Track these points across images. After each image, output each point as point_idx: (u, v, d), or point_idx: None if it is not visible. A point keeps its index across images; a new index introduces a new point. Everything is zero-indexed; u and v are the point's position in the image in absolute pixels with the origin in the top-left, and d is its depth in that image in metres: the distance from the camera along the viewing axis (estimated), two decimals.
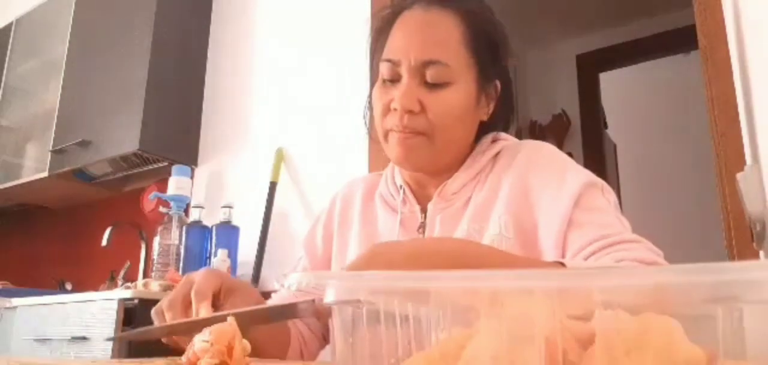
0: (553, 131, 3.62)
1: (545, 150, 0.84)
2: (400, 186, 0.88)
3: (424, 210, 0.85)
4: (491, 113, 0.86)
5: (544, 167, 0.80)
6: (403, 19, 0.82)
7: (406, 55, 0.79)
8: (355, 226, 0.91)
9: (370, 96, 0.87)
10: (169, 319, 0.70)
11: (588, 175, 0.78)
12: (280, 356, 0.84)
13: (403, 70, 0.79)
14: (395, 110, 0.78)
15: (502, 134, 0.89)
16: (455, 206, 0.82)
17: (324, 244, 0.94)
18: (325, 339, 0.91)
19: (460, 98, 0.79)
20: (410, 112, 0.77)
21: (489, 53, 0.83)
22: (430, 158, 0.80)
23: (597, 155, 3.49)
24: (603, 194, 0.76)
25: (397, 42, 0.81)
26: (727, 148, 1.43)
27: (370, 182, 0.97)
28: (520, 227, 0.76)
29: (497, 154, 0.85)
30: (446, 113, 0.78)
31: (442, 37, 0.79)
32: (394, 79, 0.80)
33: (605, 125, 3.77)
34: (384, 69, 0.81)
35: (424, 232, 0.83)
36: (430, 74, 0.78)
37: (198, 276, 0.72)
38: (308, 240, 0.97)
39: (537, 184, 0.78)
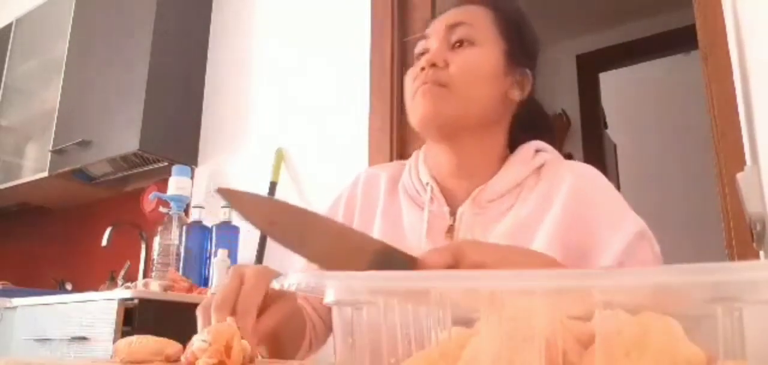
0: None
1: (600, 182, 0.81)
2: (427, 183, 0.84)
3: (452, 212, 0.81)
4: (525, 98, 0.86)
5: (601, 204, 0.77)
6: None
7: (435, 27, 0.85)
8: (377, 216, 0.88)
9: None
10: (216, 322, 0.62)
11: (641, 224, 0.75)
12: (297, 345, 0.81)
13: (433, 41, 0.84)
14: (422, 69, 0.81)
15: (544, 145, 0.86)
16: (490, 215, 0.79)
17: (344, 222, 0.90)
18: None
19: (482, 58, 0.82)
20: (434, 65, 0.80)
21: (517, 39, 0.86)
22: (452, 111, 0.79)
23: (597, 155, 3.49)
24: (652, 249, 0.74)
25: (431, 24, 0.87)
26: (727, 148, 1.43)
27: (393, 171, 0.93)
28: (568, 258, 0.73)
29: (540, 167, 0.82)
30: (468, 69, 0.80)
31: (469, 10, 0.86)
32: (425, 52, 0.85)
33: (605, 125, 3.76)
34: (418, 47, 0.87)
35: (452, 236, 0.79)
36: (456, 34, 0.83)
37: (248, 282, 0.65)
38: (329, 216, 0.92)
39: (593, 221, 0.75)
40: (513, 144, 0.88)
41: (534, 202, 0.78)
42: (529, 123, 0.89)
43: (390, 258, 0.55)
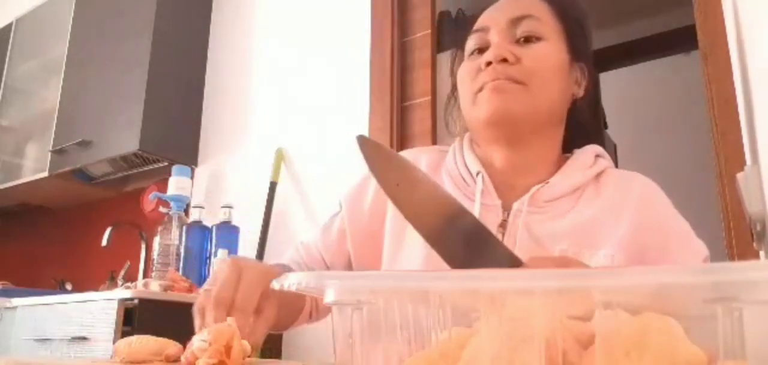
0: None
1: (666, 199, 0.80)
2: (478, 173, 0.79)
3: (505, 207, 0.77)
4: (583, 94, 0.83)
5: (672, 225, 0.77)
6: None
7: (495, 20, 0.79)
8: None
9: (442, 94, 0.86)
10: (213, 318, 0.61)
11: (703, 248, 0.75)
12: (293, 317, 0.79)
13: (493, 35, 0.78)
14: (488, 64, 0.75)
15: (603, 151, 0.84)
16: (548, 215, 0.76)
17: (373, 210, 0.83)
18: None
19: (552, 53, 0.77)
20: (504, 60, 0.75)
21: (579, 32, 0.82)
22: (527, 109, 0.75)
23: None
24: None
25: (485, 15, 0.81)
26: (727, 148, 1.43)
27: (432, 158, 0.87)
28: None
29: (600, 173, 0.80)
30: (542, 65, 0.76)
31: (531, 2, 0.80)
32: (483, 48, 0.79)
33: (605, 125, 3.76)
34: (471, 42, 0.81)
35: (504, 232, 0.76)
36: (522, 29, 0.77)
37: (247, 280, 0.63)
38: (354, 197, 0.86)
39: (666, 241, 0.74)
40: (567, 143, 0.85)
41: (599, 208, 0.76)
42: (583, 122, 0.86)
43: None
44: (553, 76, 0.77)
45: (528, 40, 0.77)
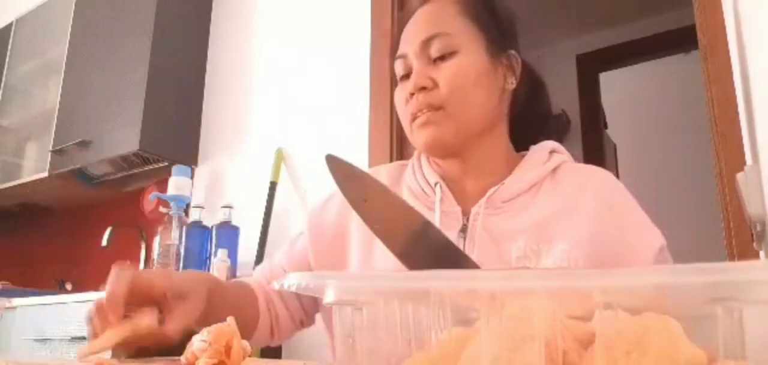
0: (553, 131, 3.61)
1: (624, 190, 0.81)
2: (436, 183, 0.82)
3: (464, 212, 0.79)
4: (517, 84, 0.83)
5: (629, 215, 0.77)
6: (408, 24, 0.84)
7: (411, 44, 0.80)
8: None
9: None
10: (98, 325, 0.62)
11: (659, 236, 0.75)
12: (243, 332, 0.79)
13: (412, 59, 0.80)
14: (412, 94, 0.78)
15: (558, 146, 0.85)
16: (506, 215, 0.77)
17: (334, 230, 0.86)
18: (302, 323, 0.88)
19: (469, 64, 0.78)
20: (423, 88, 0.77)
21: (493, 21, 0.82)
22: (454, 131, 0.77)
23: (597, 155, 3.49)
24: (668, 264, 0.75)
25: (403, 38, 0.83)
26: (727, 148, 1.43)
27: (393, 172, 0.90)
28: (593, 264, 0.73)
29: (556, 168, 0.81)
30: (457, 81, 0.77)
31: (439, 14, 0.81)
32: (407, 73, 0.81)
33: (605, 125, 3.76)
34: (397, 68, 0.83)
35: (465, 236, 0.77)
36: (434, 49, 0.78)
37: (123, 278, 0.63)
38: (315, 220, 0.89)
39: (622, 231, 0.75)
40: (517, 135, 0.86)
41: (556, 203, 0.77)
42: (530, 110, 0.87)
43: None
44: (473, 87, 0.78)
45: (442, 58, 0.78)
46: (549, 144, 0.85)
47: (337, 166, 0.60)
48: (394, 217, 0.56)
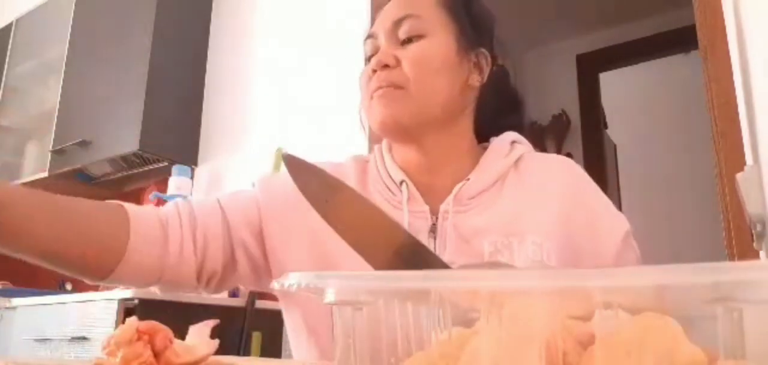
0: (553, 132, 3.62)
1: (587, 177, 0.81)
2: (402, 182, 0.80)
3: (433, 211, 0.77)
4: (484, 82, 0.82)
5: (594, 202, 0.78)
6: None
7: (382, 24, 0.80)
8: None
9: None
10: None
11: (624, 221, 0.76)
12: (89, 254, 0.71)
13: (381, 39, 0.80)
14: (374, 71, 0.78)
15: (518, 136, 0.85)
16: (473, 211, 0.76)
17: (293, 202, 0.77)
18: (198, 279, 0.78)
19: (433, 49, 0.78)
20: (386, 66, 0.77)
21: (467, 16, 0.82)
22: (411, 112, 0.76)
23: (597, 156, 3.49)
24: (634, 249, 0.76)
25: (377, 20, 0.83)
26: (727, 148, 1.43)
27: (356, 169, 0.87)
28: (562, 260, 0.72)
29: (519, 160, 0.81)
30: (420, 63, 0.76)
31: (414, 0, 0.81)
32: (373, 54, 0.80)
33: (605, 125, 3.77)
34: (366, 48, 0.83)
35: (436, 235, 0.76)
36: (403, 30, 0.78)
37: None
38: (271, 182, 0.83)
39: (590, 219, 0.75)
40: (481, 130, 0.85)
41: (523, 196, 0.77)
42: (496, 106, 0.85)
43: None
44: (436, 72, 0.77)
45: (410, 40, 0.78)
46: (510, 135, 0.84)
47: (294, 165, 0.58)
48: (358, 217, 0.54)
